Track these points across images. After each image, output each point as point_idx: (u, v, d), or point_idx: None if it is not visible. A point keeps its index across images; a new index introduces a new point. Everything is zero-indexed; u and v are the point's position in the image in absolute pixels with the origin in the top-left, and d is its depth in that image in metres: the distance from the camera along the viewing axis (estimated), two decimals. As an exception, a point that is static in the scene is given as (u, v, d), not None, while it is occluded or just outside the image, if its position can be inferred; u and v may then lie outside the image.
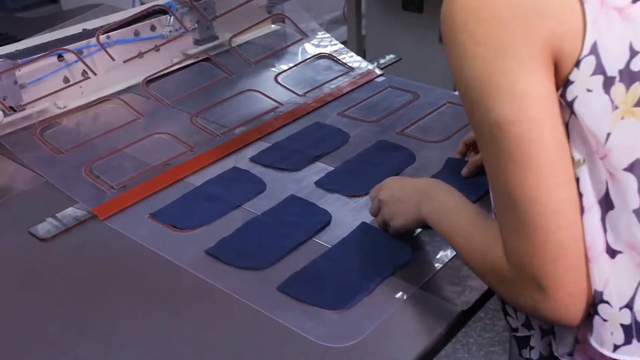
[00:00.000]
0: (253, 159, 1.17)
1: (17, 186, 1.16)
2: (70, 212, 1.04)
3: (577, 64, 0.57)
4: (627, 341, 0.60)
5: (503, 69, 0.58)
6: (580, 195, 0.60)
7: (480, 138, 0.62)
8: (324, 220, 0.99)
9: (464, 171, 1.04)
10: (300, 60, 1.52)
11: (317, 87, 1.40)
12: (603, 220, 0.60)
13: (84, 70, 1.33)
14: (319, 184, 1.09)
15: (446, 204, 0.78)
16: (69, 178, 1.11)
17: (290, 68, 1.48)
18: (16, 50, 1.29)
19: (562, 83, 0.59)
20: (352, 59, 1.52)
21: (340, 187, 1.07)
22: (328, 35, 1.60)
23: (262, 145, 1.21)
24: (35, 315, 0.86)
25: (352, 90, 1.40)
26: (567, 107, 0.59)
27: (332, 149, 1.19)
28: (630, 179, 0.58)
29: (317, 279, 0.88)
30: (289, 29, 1.64)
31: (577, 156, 0.60)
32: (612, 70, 0.57)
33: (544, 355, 0.74)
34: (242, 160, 1.17)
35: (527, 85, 0.58)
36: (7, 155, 1.18)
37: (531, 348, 0.75)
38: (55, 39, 1.35)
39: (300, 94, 1.38)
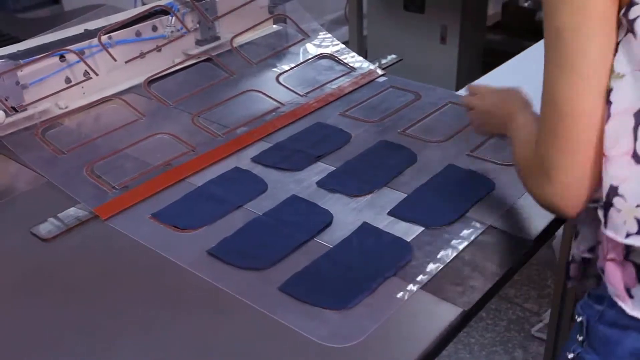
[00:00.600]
0: (254, 159, 1.17)
1: (19, 186, 1.16)
2: (72, 212, 1.04)
3: None
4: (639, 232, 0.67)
5: None
6: (609, 103, 0.68)
7: (545, 42, 0.72)
8: (325, 221, 0.99)
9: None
10: (301, 60, 1.52)
11: (318, 87, 1.40)
12: (636, 129, 0.67)
13: (85, 70, 1.33)
14: (320, 184, 1.09)
15: (522, 125, 0.88)
16: (70, 178, 1.11)
17: (291, 68, 1.48)
18: (18, 51, 1.29)
19: (628, 2, 0.66)
20: (353, 59, 1.52)
21: (341, 187, 1.07)
22: (329, 35, 1.60)
23: (263, 146, 1.21)
24: (37, 315, 0.86)
25: (354, 90, 1.40)
26: (625, 25, 0.66)
27: (333, 149, 1.19)
28: None
29: (318, 279, 0.88)
30: (291, 29, 1.64)
31: (619, 70, 0.68)
32: None
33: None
34: (244, 160, 1.17)
35: (588, 1, 0.67)
36: (9, 156, 1.19)
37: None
38: (57, 40, 1.35)
39: (301, 94, 1.38)
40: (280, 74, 1.45)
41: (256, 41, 1.60)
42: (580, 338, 0.79)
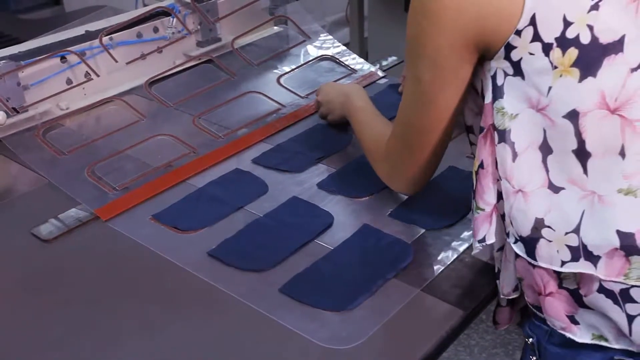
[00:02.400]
0: (255, 161, 1.17)
1: (20, 187, 1.16)
2: (73, 213, 1.04)
3: (518, 32, 0.69)
4: (574, 259, 0.70)
5: (431, 43, 0.75)
6: (512, 143, 0.72)
7: (407, 75, 0.83)
8: (326, 222, 0.99)
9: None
10: (302, 62, 1.52)
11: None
12: (545, 162, 0.71)
13: (86, 71, 1.33)
14: (321, 185, 1.09)
15: (359, 106, 1.10)
16: (71, 179, 1.11)
17: (292, 70, 1.48)
18: (19, 52, 1.29)
19: (502, 45, 0.70)
20: (354, 60, 1.52)
21: (342, 189, 1.07)
22: (330, 37, 1.60)
23: (264, 147, 1.21)
24: (37, 316, 0.86)
25: (355, 92, 1.40)
26: (511, 67, 0.71)
27: (334, 150, 1.19)
28: (568, 124, 0.69)
29: (319, 281, 0.88)
30: (292, 31, 1.64)
31: (511, 110, 0.72)
32: (549, 38, 0.68)
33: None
34: (244, 161, 1.17)
35: (442, 60, 0.75)
36: (10, 157, 1.19)
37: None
38: (58, 41, 1.35)
39: (302, 95, 1.38)
40: (281, 75, 1.45)
41: (257, 43, 1.60)
42: (534, 359, 0.80)
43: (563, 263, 0.70)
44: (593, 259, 0.69)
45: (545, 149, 0.71)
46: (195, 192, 1.08)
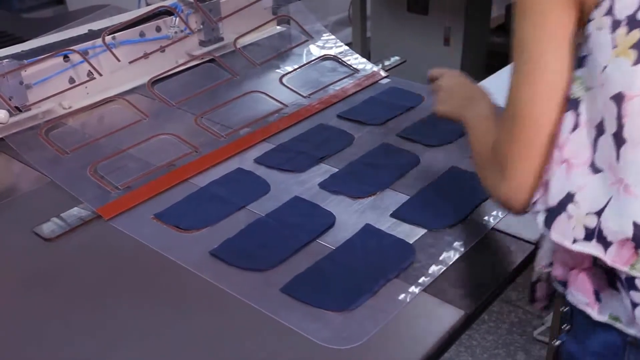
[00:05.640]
0: (257, 160, 1.17)
1: (22, 186, 1.17)
2: (75, 212, 1.04)
3: (597, 5, 0.69)
4: (587, 239, 0.70)
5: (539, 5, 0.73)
6: (578, 113, 0.72)
7: (513, 50, 0.77)
8: (327, 222, 0.99)
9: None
10: (305, 61, 1.52)
11: (321, 89, 1.40)
12: (595, 140, 0.71)
13: (89, 70, 1.33)
14: (323, 185, 1.09)
15: (480, 113, 0.94)
16: (73, 178, 1.11)
17: (295, 69, 1.48)
18: (22, 51, 1.29)
19: (587, 19, 0.70)
20: (357, 60, 1.52)
21: (344, 188, 1.07)
22: (333, 37, 1.60)
23: (266, 147, 1.21)
24: (40, 314, 0.86)
25: (357, 92, 1.40)
26: (586, 40, 0.70)
27: (336, 150, 1.19)
28: (613, 106, 0.68)
29: (320, 281, 0.88)
30: (294, 31, 1.64)
31: (588, 83, 0.71)
32: (621, 15, 0.67)
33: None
34: (247, 161, 1.17)
35: (544, 19, 0.72)
36: (13, 155, 1.19)
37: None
38: (61, 40, 1.35)
39: (304, 95, 1.38)
40: (284, 75, 1.45)
41: (260, 42, 1.60)
42: (567, 327, 0.81)
43: (575, 240, 0.71)
44: (605, 243, 0.69)
45: (600, 128, 0.71)
46: (197, 191, 1.09)
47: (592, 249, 0.70)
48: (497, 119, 0.85)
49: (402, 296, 0.85)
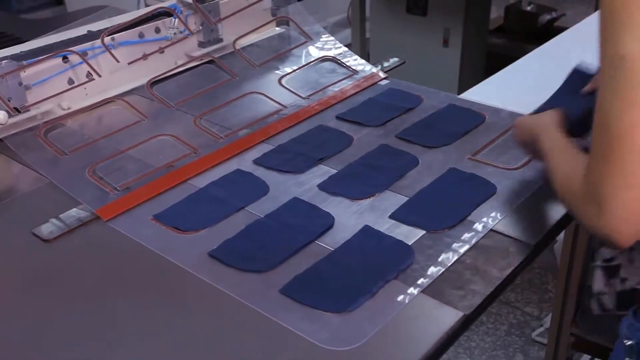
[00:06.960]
0: (256, 162, 1.17)
1: (21, 187, 1.17)
2: (74, 213, 1.04)
3: None
4: None
5: (636, 6, 0.65)
6: None
7: (602, 68, 0.69)
8: (326, 223, 0.99)
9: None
10: (304, 63, 1.52)
11: (320, 90, 1.40)
12: None
13: (88, 71, 1.33)
14: (321, 186, 1.09)
15: (549, 147, 0.89)
16: (72, 179, 1.11)
17: (294, 71, 1.48)
18: (21, 52, 1.29)
19: None
20: (356, 62, 1.52)
21: (343, 190, 1.07)
22: (332, 38, 1.60)
23: (265, 148, 1.21)
24: (38, 316, 0.86)
25: (356, 93, 1.40)
26: None
27: (335, 152, 1.19)
28: None
29: (319, 282, 0.88)
30: (293, 32, 1.64)
31: None
32: None
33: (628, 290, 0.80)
34: (246, 162, 1.17)
35: None
36: (11, 156, 1.19)
37: (622, 280, 0.81)
38: (60, 41, 1.35)
39: (303, 96, 1.38)
40: (283, 76, 1.45)
41: (259, 43, 1.60)
42: None
43: None
44: None
45: None
46: (196, 192, 1.09)
47: None
48: (577, 152, 0.81)
49: (400, 297, 0.85)
